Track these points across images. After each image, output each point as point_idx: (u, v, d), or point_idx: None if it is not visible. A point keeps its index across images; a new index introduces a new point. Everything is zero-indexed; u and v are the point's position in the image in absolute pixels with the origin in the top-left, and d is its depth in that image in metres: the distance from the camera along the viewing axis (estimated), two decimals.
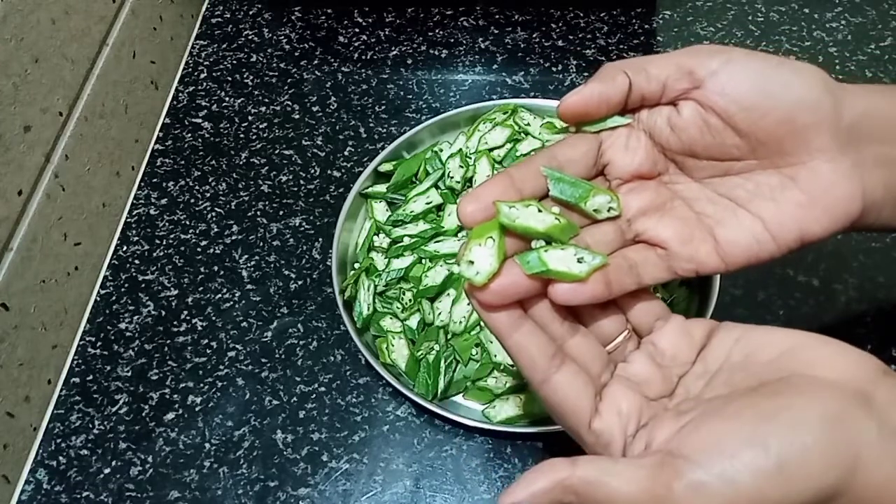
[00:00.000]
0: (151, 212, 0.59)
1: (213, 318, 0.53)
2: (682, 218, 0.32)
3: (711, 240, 0.32)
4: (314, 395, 0.49)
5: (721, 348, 0.30)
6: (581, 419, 0.29)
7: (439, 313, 0.49)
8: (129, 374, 0.51)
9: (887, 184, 0.31)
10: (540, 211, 0.30)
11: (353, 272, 0.51)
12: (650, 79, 0.31)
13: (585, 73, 0.64)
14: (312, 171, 0.60)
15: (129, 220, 0.58)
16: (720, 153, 0.32)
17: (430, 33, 0.68)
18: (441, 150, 0.56)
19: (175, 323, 0.53)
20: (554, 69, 0.64)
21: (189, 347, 0.51)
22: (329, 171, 0.60)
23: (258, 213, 0.58)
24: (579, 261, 0.29)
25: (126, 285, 0.55)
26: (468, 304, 0.48)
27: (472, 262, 0.28)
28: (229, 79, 0.66)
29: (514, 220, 0.29)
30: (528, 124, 0.55)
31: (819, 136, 0.30)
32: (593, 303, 0.30)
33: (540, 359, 0.29)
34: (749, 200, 0.31)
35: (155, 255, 0.56)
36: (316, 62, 0.67)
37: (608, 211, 0.32)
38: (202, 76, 0.67)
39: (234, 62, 0.67)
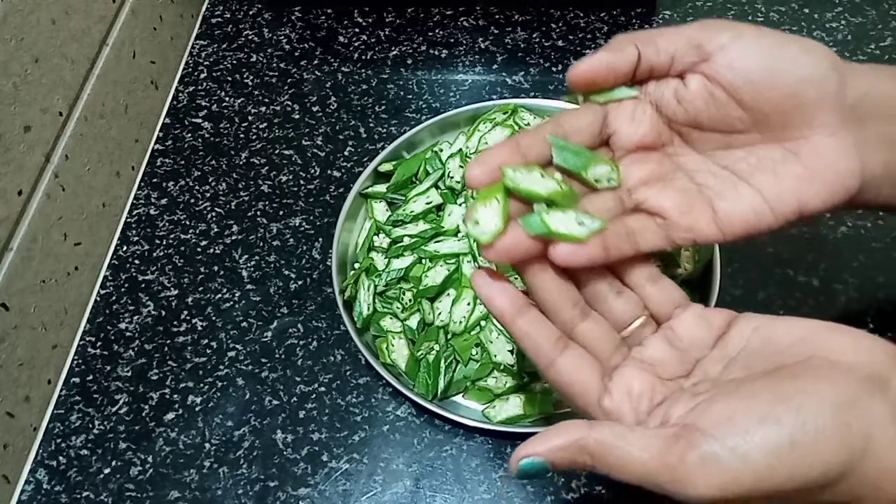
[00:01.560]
0: (151, 212, 0.59)
1: (213, 318, 0.53)
2: (683, 189, 0.33)
3: (710, 211, 0.32)
4: (314, 395, 0.49)
5: (740, 335, 0.30)
6: (589, 399, 0.30)
7: (439, 313, 0.49)
8: (129, 374, 0.51)
9: (887, 162, 0.32)
10: (543, 176, 0.31)
11: (353, 272, 0.51)
12: (659, 51, 0.32)
13: None
14: (312, 171, 0.60)
15: (129, 220, 0.58)
16: (724, 126, 0.32)
17: (430, 33, 0.68)
18: (441, 150, 0.56)
19: (175, 323, 0.53)
20: (554, 69, 0.64)
21: (189, 347, 0.51)
22: (329, 171, 0.60)
23: (258, 213, 0.58)
24: (580, 224, 0.31)
25: (126, 285, 0.55)
26: (468, 304, 0.48)
27: (477, 222, 0.30)
28: (229, 79, 0.66)
29: (518, 183, 0.30)
30: (528, 124, 0.55)
31: (823, 112, 0.31)
32: (591, 265, 0.31)
33: (544, 343, 0.30)
34: (751, 174, 0.32)
35: (155, 255, 0.56)
36: (316, 62, 0.67)
37: (608, 181, 0.33)
38: (202, 76, 0.67)
39: (234, 62, 0.67)
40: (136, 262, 0.56)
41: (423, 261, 0.50)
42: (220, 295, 0.54)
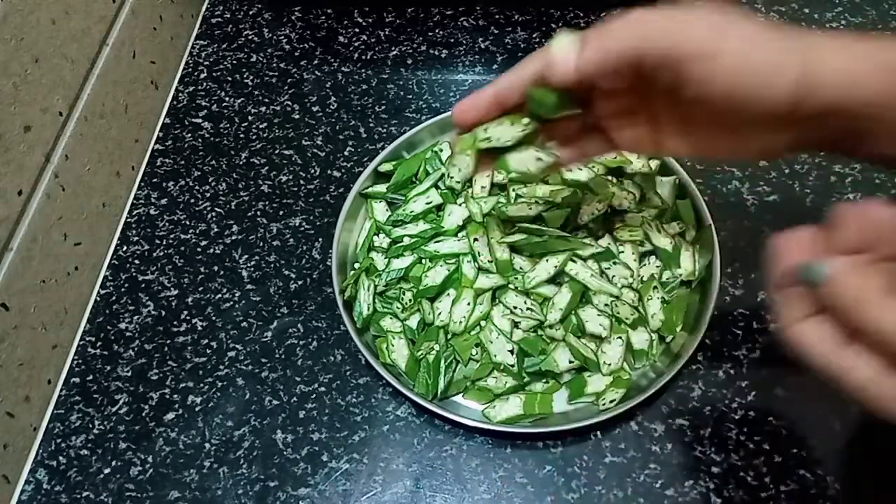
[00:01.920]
0: (151, 212, 0.59)
1: (213, 318, 0.53)
2: (639, 126, 0.39)
3: (653, 144, 0.39)
4: (314, 395, 0.49)
5: None
6: None
7: (439, 313, 0.49)
8: (129, 374, 0.51)
9: (822, 140, 0.34)
10: (512, 124, 0.39)
11: (353, 272, 0.51)
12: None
13: None
14: (312, 171, 0.60)
15: (129, 220, 0.58)
16: (686, 105, 0.36)
17: (430, 33, 0.68)
18: (441, 150, 0.55)
19: (175, 323, 0.53)
20: None
21: (189, 347, 0.51)
22: (329, 171, 0.60)
23: (258, 213, 0.58)
24: (538, 160, 0.40)
25: (126, 285, 0.55)
26: (468, 304, 0.48)
27: (454, 166, 0.44)
28: (229, 79, 0.66)
29: (490, 142, 0.39)
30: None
31: (770, 131, 0.34)
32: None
33: None
34: (697, 128, 0.37)
35: (155, 255, 0.56)
36: (316, 62, 0.67)
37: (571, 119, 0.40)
38: (202, 76, 0.67)
39: (234, 62, 0.67)
40: (136, 262, 0.56)
41: (423, 261, 0.50)
42: (220, 295, 0.54)
